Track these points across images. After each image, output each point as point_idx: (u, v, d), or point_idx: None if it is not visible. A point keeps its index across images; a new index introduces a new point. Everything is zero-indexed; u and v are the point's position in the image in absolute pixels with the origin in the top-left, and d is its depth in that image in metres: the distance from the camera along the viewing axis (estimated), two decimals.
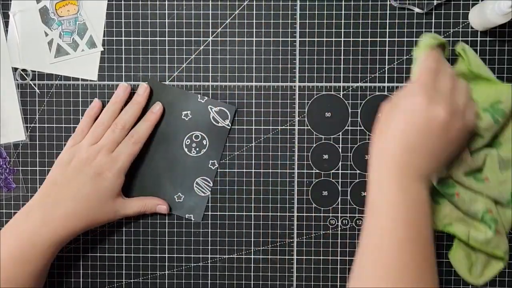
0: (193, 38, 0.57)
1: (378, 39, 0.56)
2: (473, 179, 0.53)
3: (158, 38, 0.57)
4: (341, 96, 0.57)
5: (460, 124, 0.47)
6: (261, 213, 0.58)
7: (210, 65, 0.58)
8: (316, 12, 0.57)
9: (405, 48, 0.56)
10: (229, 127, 0.57)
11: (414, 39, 0.56)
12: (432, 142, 0.46)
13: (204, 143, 0.57)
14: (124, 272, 0.59)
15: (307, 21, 0.57)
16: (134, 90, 0.57)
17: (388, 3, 0.56)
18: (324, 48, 0.57)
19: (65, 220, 0.52)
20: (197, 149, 0.57)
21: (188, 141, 0.57)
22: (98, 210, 0.53)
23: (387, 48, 0.56)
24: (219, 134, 0.57)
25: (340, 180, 0.58)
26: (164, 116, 0.57)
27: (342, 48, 0.57)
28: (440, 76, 0.48)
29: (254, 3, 0.57)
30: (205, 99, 0.57)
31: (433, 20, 0.56)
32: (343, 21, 0.57)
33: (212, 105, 0.57)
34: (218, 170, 0.58)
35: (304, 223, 0.58)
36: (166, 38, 0.57)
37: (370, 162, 0.48)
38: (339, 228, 0.58)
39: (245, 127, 0.58)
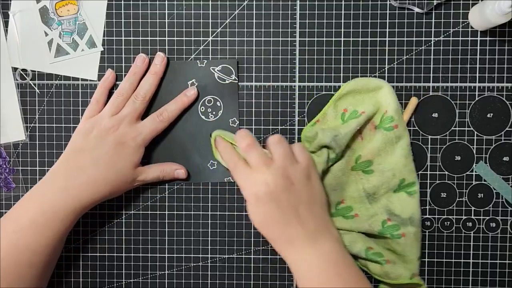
0: (193, 38, 0.57)
1: (378, 39, 0.56)
2: (342, 217, 0.55)
3: (158, 38, 0.57)
4: None
5: (291, 171, 0.49)
6: None
7: None
8: (316, 12, 0.57)
9: (405, 48, 0.56)
10: (236, 81, 0.57)
11: (414, 39, 0.56)
12: (281, 208, 0.48)
13: (218, 104, 0.57)
14: (124, 272, 0.59)
15: (307, 21, 0.57)
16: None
17: (388, 3, 0.56)
18: (324, 48, 0.57)
19: (86, 186, 0.52)
20: (214, 112, 0.57)
21: (202, 108, 0.57)
22: (119, 179, 0.54)
23: (387, 48, 0.56)
24: (229, 91, 0.57)
25: None
26: (172, 91, 0.57)
27: (342, 48, 0.57)
28: (248, 153, 0.50)
29: (254, 3, 0.57)
30: (205, 62, 0.57)
31: (433, 20, 0.56)
32: (343, 21, 0.57)
33: (213, 66, 0.57)
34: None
35: None
36: (166, 38, 0.57)
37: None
38: None
39: (245, 127, 0.58)
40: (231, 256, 0.58)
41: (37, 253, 0.51)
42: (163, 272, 0.59)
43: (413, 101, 0.56)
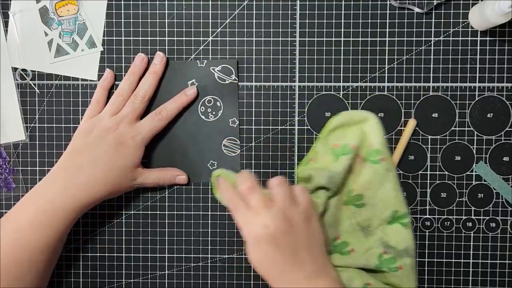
0: (193, 38, 0.57)
1: (378, 39, 0.56)
2: (339, 254, 0.55)
3: (158, 38, 0.57)
4: (341, 96, 0.57)
5: (295, 215, 0.49)
6: None
7: None
8: (316, 12, 0.57)
9: (405, 48, 0.56)
10: (236, 81, 0.57)
11: (414, 39, 0.56)
12: (281, 251, 0.48)
13: (218, 104, 0.57)
14: (124, 272, 0.59)
15: (307, 21, 0.57)
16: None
17: (388, 3, 0.56)
18: (324, 48, 0.57)
19: (86, 186, 0.52)
20: (214, 112, 0.57)
21: (202, 108, 0.57)
22: (118, 178, 0.53)
23: (387, 48, 0.56)
24: (229, 91, 0.57)
25: None
26: (171, 91, 0.57)
27: (342, 48, 0.57)
28: (249, 196, 0.50)
29: (254, 3, 0.57)
30: (205, 62, 0.57)
31: (433, 20, 0.56)
32: (343, 21, 0.57)
33: (213, 66, 0.57)
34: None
35: None
36: (166, 38, 0.57)
37: None
38: None
39: (245, 127, 0.58)
40: (231, 256, 0.58)
41: (37, 252, 0.51)
42: (163, 272, 0.59)
43: (411, 123, 0.56)
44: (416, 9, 0.56)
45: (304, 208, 0.50)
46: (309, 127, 0.57)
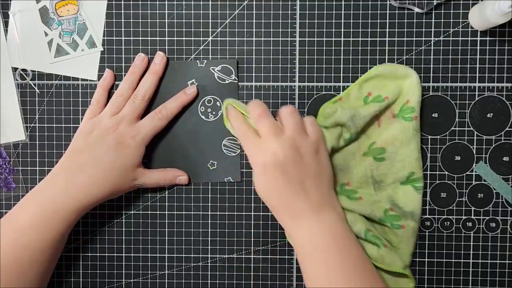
0: (193, 38, 0.57)
1: (378, 39, 0.56)
2: (346, 197, 0.54)
3: (158, 38, 0.57)
4: None
5: (303, 144, 0.49)
6: (261, 213, 0.58)
7: None
8: (316, 12, 0.57)
9: (405, 48, 0.56)
10: (236, 81, 0.57)
11: (414, 39, 0.56)
12: (288, 179, 0.48)
13: (218, 104, 0.57)
14: (124, 272, 0.59)
15: (307, 21, 0.57)
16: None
17: (388, 3, 0.56)
18: (324, 48, 0.57)
19: (87, 186, 0.52)
20: (213, 112, 0.57)
21: (202, 108, 0.57)
22: (119, 178, 0.53)
23: (387, 48, 0.56)
24: (229, 91, 0.57)
25: None
26: (171, 91, 0.57)
27: (342, 48, 0.57)
28: (259, 123, 0.51)
29: (254, 2, 0.57)
30: (204, 62, 0.57)
31: (433, 20, 0.56)
32: (343, 21, 0.57)
33: (213, 66, 0.57)
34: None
35: None
36: (166, 38, 0.57)
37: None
38: None
39: None
40: (231, 256, 0.58)
41: (37, 252, 0.51)
42: (163, 272, 0.59)
43: None
44: (416, 9, 0.56)
45: (314, 140, 0.50)
46: None
